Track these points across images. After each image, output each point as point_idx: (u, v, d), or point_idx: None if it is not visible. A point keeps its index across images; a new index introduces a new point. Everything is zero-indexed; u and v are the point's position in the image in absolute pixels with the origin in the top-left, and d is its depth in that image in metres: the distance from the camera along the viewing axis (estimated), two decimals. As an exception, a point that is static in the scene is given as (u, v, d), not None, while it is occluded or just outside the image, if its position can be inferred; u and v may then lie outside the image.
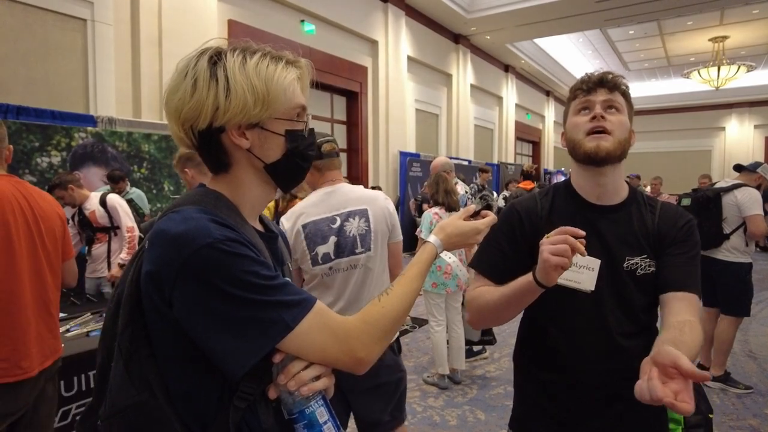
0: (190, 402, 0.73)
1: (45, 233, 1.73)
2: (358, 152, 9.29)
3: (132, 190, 4.70)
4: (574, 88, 1.22)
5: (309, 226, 1.82)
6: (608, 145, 1.13)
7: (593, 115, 1.15)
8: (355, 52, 8.98)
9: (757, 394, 3.56)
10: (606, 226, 1.19)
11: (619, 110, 1.17)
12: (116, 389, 0.74)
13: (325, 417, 0.77)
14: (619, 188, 1.23)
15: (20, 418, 1.65)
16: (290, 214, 1.88)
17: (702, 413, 1.24)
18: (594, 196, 1.21)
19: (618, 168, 1.20)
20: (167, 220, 0.73)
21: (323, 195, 1.90)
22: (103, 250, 3.82)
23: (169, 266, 0.69)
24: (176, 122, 0.79)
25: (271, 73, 0.79)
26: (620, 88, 1.18)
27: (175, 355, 0.73)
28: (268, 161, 0.82)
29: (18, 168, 4.18)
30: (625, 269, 1.16)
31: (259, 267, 0.72)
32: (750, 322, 5.13)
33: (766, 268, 8.73)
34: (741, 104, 18.46)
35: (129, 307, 0.73)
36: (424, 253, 0.96)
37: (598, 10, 10.31)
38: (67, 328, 2.50)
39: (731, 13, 11.34)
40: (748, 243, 3.58)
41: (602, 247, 1.16)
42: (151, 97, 5.51)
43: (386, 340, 0.81)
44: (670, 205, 1.26)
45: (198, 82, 0.76)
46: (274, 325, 0.71)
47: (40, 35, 4.75)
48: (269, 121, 0.80)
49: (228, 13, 6.52)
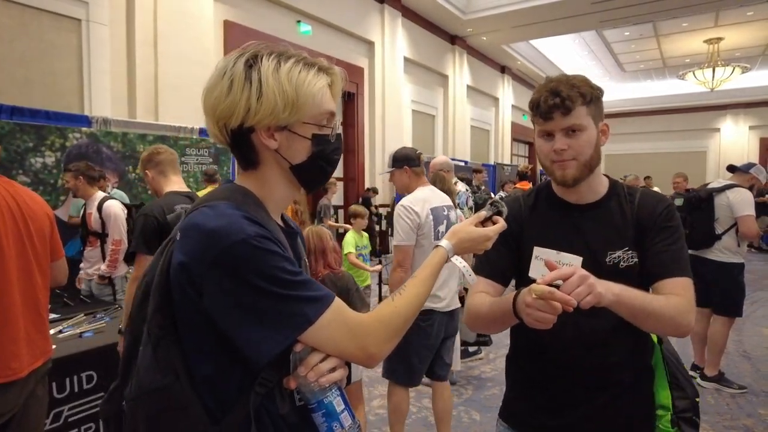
0: (213, 387, 0.78)
1: (34, 233, 1.72)
2: (354, 153, 9.28)
3: (113, 190, 4.64)
4: (531, 105, 1.20)
5: (434, 211, 2.51)
6: (573, 172, 1.16)
7: (554, 149, 1.16)
8: (352, 52, 8.98)
9: (751, 393, 3.57)
10: (586, 224, 1.22)
11: (580, 130, 1.15)
12: (143, 371, 0.78)
13: (342, 406, 0.82)
14: (597, 186, 1.25)
15: (10, 419, 1.64)
16: (416, 200, 2.49)
17: (689, 397, 1.24)
18: (573, 198, 1.25)
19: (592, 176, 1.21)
20: (200, 214, 0.77)
21: (429, 192, 2.60)
22: (93, 254, 3.80)
23: (202, 258, 0.73)
24: (212, 119, 0.84)
25: (303, 79, 0.83)
26: (576, 104, 1.13)
27: (201, 343, 0.77)
28: (294, 162, 0.86)
29: (12, 168, 4.16)
30: (608, 264, 1.18)
31: (285, 263, 0.76)
32: (744, 322, 5.15)
33: (759, 269, 8.77)
34: (736, 105, 18.54)
35: (159, 295, 0.78)
36: (435, 257, 0.99)
37: (594, 11, 10.35)
38: (60, 329, 2.48)
39: (726, 15, 11.40)
40: (740, 243, 3.60)
41: (584, 245, 1.19)
42: (146, 98, 5.50)
43: (397, 338, 0.85)
44: (649, 192, 1.27)
45: (234, 83, 0.80)
46: (297, 317, 0.75)
47: (35, 35, 4.74)
48: (297, 124, 0.84)
49: (224, 14, 6.51)
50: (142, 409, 0.78)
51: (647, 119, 20.03)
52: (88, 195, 3.74)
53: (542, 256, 1.19)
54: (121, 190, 4.90)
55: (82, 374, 2.26)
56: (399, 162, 2.62)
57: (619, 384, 1.19)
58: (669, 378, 1.23)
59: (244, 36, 6.61)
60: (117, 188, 4.88)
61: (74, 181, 3.69)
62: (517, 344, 1.34)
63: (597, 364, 1.19)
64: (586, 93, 1.14)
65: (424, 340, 2.48)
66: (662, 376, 1.24)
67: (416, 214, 2.44)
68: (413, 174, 2.61)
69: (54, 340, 2.13)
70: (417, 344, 2.45)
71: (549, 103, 1.14)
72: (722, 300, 3.60)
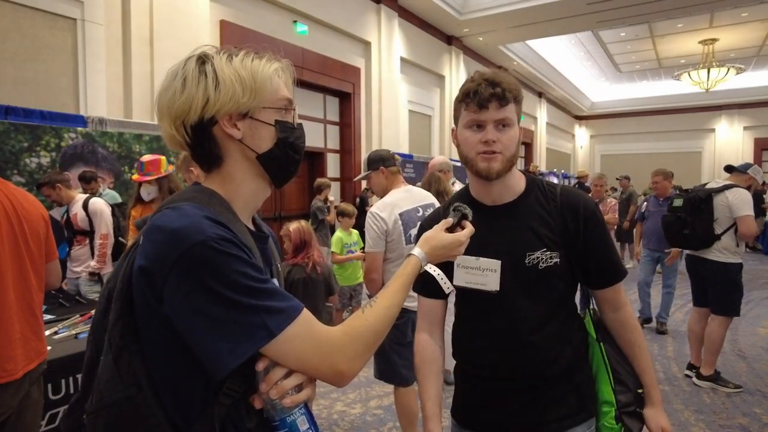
0: (177, 397, 0.74)
1: (29, 234, 1.71)
2: (351, 153, 9.27)
3: (105, 191, 4.63)
4: (465, 93, 1.18)
5: (404, 215, 2.45)
6: (498, 166, 1.16)
7: (485, 140, 1.15)
8: (348, 52, 8.97)
9: (747, 392, 3.59)
10: (502, 226, 1.23)
11: (509, 125, 1.16)
12: (104, 383, 0.74)
13: (306, 425, 0.77)
14: (513, 186, 1.25)
15: (5, 421, 1.63)
16: (384, 206, 2.45)
17: (631, 390, 1.26)
18: (489, 200, 1.26)
19: (509, 174, 1.22)
20: (162, 215, 0.74)
21: (404, 192, 2.55)
22: (81, 253, 3.84)
23: (161, 262, 0.69)
24: (168, 120, 0.81)
25: (257, 65, 0.83)
26: (511, 99, 1.15)
27: (163, 350, 0.73)
28: (260, 151, 0.84)
29: (6, 169, 4.13)
30: (527, 265, 1.19)
31: (249, 268, 0.72)
32: (739, 322, 5.18)
33: (754, 268, 8.83)
34: (730, 106, 18.65)
35: (120, 301, 0.73)
36: (408, 266, 0.97)
37: (590, 12, 10.37)
38: (55, 330, 2.47)
39: (721, 16, 11.46)
40: (738, 243, 3.61)
41: (501, 247, 1.21)
42: (142, 98, 5.47)
43: (368, 353, 0.80)
44: (569, 190, 1.26)
45: (187, 79, 0.79)
46: (258, 330, 0.70)
47: (30, 34, 4.70)
48: (258, 110, 0.83)
49: (220, 14, 6.49)
50: (103, 422, 0.73)
51: (642, 120, 20.12)
52: (70, 198, 3.77)
53: (463, 263, 1.22)
54: (117, 191, 4.88)
55: (77, 376, 2.25)
56: (374, 164, 2.60)
57: (549, 381, 1.22)
58: (611, 374, 1.24)
59: (241, 36, 6.59)
60: (111, 189, 4.86)
61: (55, 192, 3.64)
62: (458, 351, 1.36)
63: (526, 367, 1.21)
64: (518, 91, 1.17)
65: (400, 338, 2.48)
66: (603, 372, 1.26)
67: (383, 221, 2.43)
68: (390, 174, 2.60)
69: (49, 341, 2.12)
70: (393, 343, 2.47)
71: (488, 92, 1.13)
72: (720, 300, 3.61)
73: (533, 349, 1.20)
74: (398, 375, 2.52)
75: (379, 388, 3.61)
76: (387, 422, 3.15)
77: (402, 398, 2.55)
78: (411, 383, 2.54)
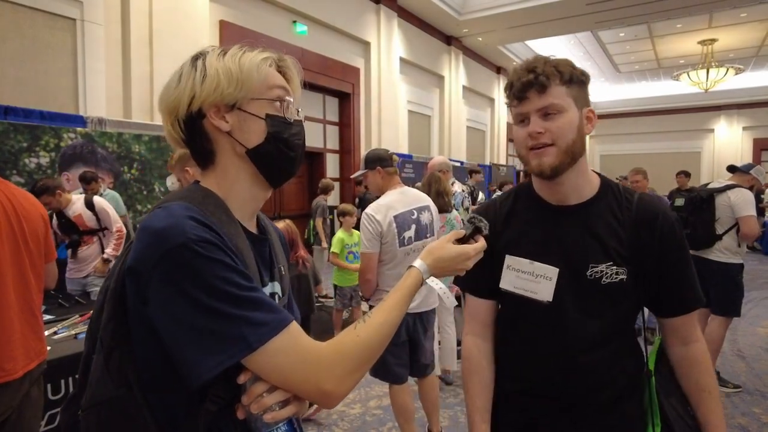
0: (163, 401, 0.72)
1: (28, 235, 1.71)
2: (350, 153, 9.28)
3: (106, 191, 4.63)
4: (506, 87, 1.08)
5: (399, 217, 2.45)
6: (551, 160, 1.02)
7: (529, 132, 1.03)
8: (348, 53, 8.98)
9: (746, 392, 3.59)
10: (566, 230, 1.08)
11: (559, 111, 1.01)
12: (95, 382, 0.73)
13: None
14: (583, 186, 1.10)
15: (4, 421, 1.63)
16: (379, 208, 2.45)
17: None
18: (554, 199, 1.11)
19: (576, 168, 1.07)
20: (152, 215, 0.72)
21: (399, 194, 2.54)
22: (90, 252, 3.83)
23: (146, 263, 0.67)
24: (166, 116, 0.82)
25: (246, 56, 0.81)
26: (553, 82, 1.01)
27: (152, 352, 0.71)
28: (249, 146, 0.81)
29: (5, 169, 4.14)
30: (589, 277, 1.05)
31: (233, 274, 0.68)
32: (739, 322, 5.18)
33: (753, 268, 8.83)
34: (729, 106, 18.65)
35: (113, 301, 0.72)
36: (408, 279, 0.89)
37: (589, 12, 10.40)
38: (55, 331, 2.47)
39: (719, 17, 11.47)
40: (740, 244, 3.61)
41: (562, 255, 1.07)
42: (141, 98, 5.47)
43: (360, 372, 0.75)
44: (648, 199, 1.10)
45: (182, 76, 0.80)
46: (236, 341, 0.67)
47: (29, 35, 4.70)
48: (246, 102, 0.80)
49: (219, 14, 6.49)
50: (94, 420, 0.73)
51: (642, 120, 20.12)
52: (67, 202, 3.73)
53: (514, 266, 1.10)
54: (116, 191, 4.88)
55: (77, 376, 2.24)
56: (372, 163, 2.61)
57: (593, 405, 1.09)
58: (657, 416, 1.10)
59: (240, 36, 6.59)
60: (111, 189, 4.86)
61: (55, 199, 3.55)
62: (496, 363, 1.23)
63: (570, 389, 1.09)
64: (565, 71, 1.02)
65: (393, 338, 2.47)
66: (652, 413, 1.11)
67: (378, 222, 2.42)
68: (386, 174, 2.60)
69: (49, 341, 2.12)
70: None
71: (522, 80, 1.02)
72: (721, 300, 3.61)
73: (582, 372, 1.07)
74: (392, 373, 2.52)
75: (378, 388, 3.61)
76: (386, 422, 3.16)
77: (396, 397, 2.56)
78: (404, 381, 2.56)
